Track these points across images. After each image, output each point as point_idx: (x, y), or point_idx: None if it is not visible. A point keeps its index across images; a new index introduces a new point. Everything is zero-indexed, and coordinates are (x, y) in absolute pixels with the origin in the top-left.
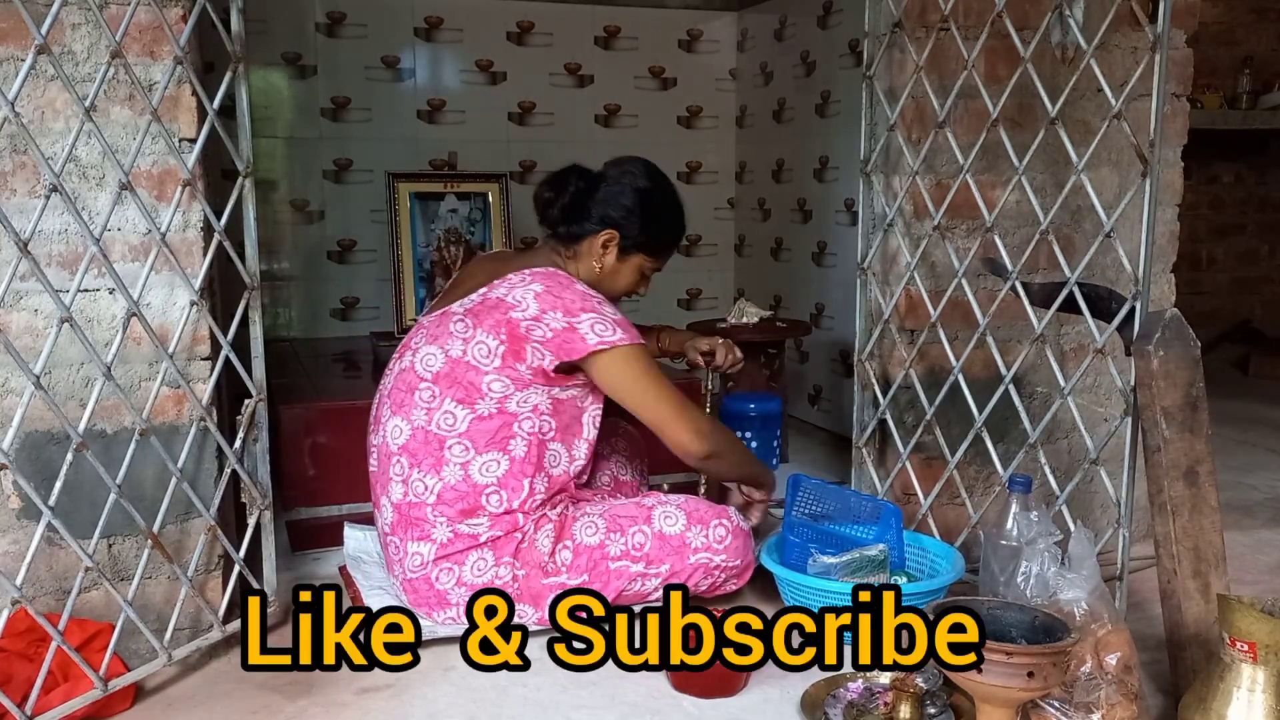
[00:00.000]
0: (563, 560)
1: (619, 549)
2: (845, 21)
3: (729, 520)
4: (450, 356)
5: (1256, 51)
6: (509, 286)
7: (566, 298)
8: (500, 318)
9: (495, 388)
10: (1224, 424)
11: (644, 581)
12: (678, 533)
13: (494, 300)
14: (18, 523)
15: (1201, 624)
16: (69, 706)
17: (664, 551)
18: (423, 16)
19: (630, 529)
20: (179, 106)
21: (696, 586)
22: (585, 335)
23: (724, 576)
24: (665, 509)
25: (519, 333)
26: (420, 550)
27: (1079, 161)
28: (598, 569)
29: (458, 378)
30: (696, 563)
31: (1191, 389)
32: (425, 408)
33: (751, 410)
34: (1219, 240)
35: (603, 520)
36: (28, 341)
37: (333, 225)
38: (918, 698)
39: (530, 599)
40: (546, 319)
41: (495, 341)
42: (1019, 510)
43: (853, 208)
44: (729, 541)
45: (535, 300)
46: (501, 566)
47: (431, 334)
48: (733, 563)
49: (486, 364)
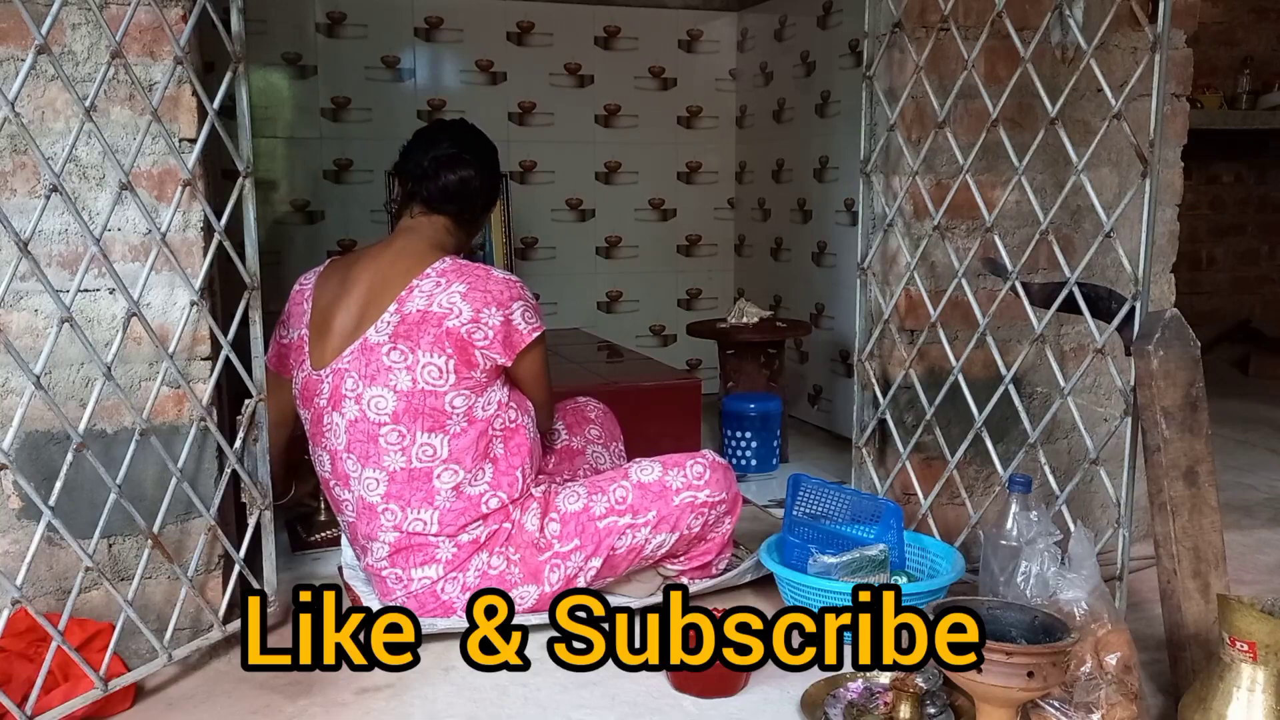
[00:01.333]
0: (552, 532)
1: (603, 507)
2: (845, 21)
3: (705, 457)
4: (400, 391)
5: (1256, 51)
6: (426, 296)
7: (493, 289)
8: (437, 332)
9: (458, 404)
10: (1224, 424)
11: (634, 533)
12: (656, 478)
13: (417, 315)
14: (18, 523)
15: (1201, 624)
16: (69, 706)
17: (646, 498)
18: (423, 16)
19: (610, 486)
20: (179, 106)
21: (689, 529)
22: (519, 327)
23: (713, 514)
24: (641, 463)
25: (463, 340)
26: (428, 574)
27: (1079, 161)
28: (586, 531)
29: (418, 408)
30: (682, 503)
31: (1191, 389)
32: (399, 449)
33: (751, 410)
34: (1219, 240)
35: (583, 488)
36: (28, 341)
37: (333, 225)
38: (918, 698)
39: (530, 578)
40: (484, 318)
41: (443, 359)
42: (1019, 510)
43: (853, 208)
44: (708, 475)
45: (464, 301)
46: (495, 557)
47: (365, 374)
48: (718, 496)
49: (442, 384)
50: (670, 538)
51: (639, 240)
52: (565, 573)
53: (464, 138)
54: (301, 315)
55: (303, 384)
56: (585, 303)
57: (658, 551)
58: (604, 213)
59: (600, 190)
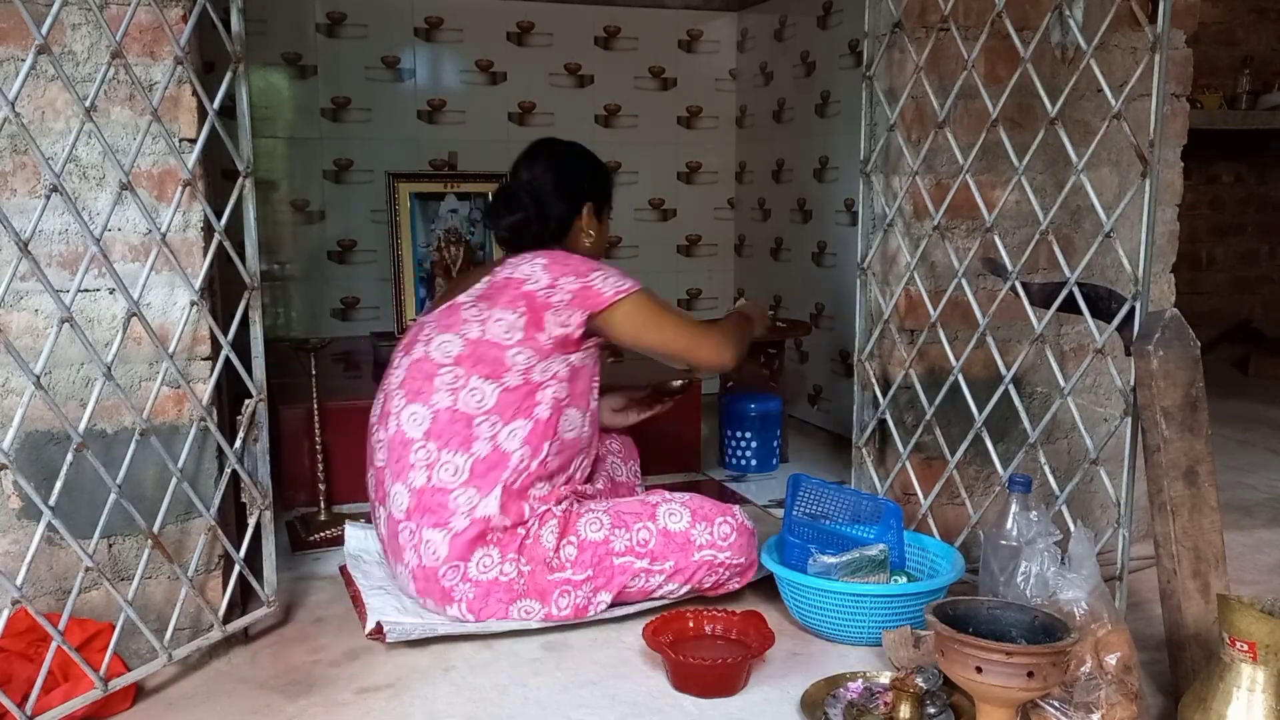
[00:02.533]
0: (567, 556)
1: (623, 545)
2: (845, 21)
3: (734, 518)
4: (468, 339)
5: (1256, 51)
6: (513, 267)
7: (573, 263)
8: (515, 293)
9: (519, 360)
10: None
11: (648, 578)
12: (682, 529)
13: (502, 281)
14: (18, 523)
15: (1201, 624)
16: (69, 706)
17: (668, 548)
18: (423, 16)
19: (635, 525)
20: (179, 106)
21: (700, 583)
22: (601, 289)
23: (728, 574)
24: (670, 506)
25: (537, 302)
26: (434, 538)
27: (1079, 161)
28: (602, 564)
29: (481, 355)
30: (700, 560)
31: (1191, 389)
32: (449, 389)
33: (751, 410)
34: (1219, 240)
35: (607, 517)
36: (28, 341)
37: (333, 225)
38: (918, 698)
39: (536, 594)
40: (561, 283)
41: (514, 315)
42: (1019, 510)
43: (853, 208)
44: (733, 539)
45: (545, 271)
46: (506, 563)
47: (443, 324)
48: (736, 560)
49: (508, 338)
50: (682, 589)
51: (639, 240)
52: (575, 602)
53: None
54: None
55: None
56: None
57: (665, 597)
58: None
59: None
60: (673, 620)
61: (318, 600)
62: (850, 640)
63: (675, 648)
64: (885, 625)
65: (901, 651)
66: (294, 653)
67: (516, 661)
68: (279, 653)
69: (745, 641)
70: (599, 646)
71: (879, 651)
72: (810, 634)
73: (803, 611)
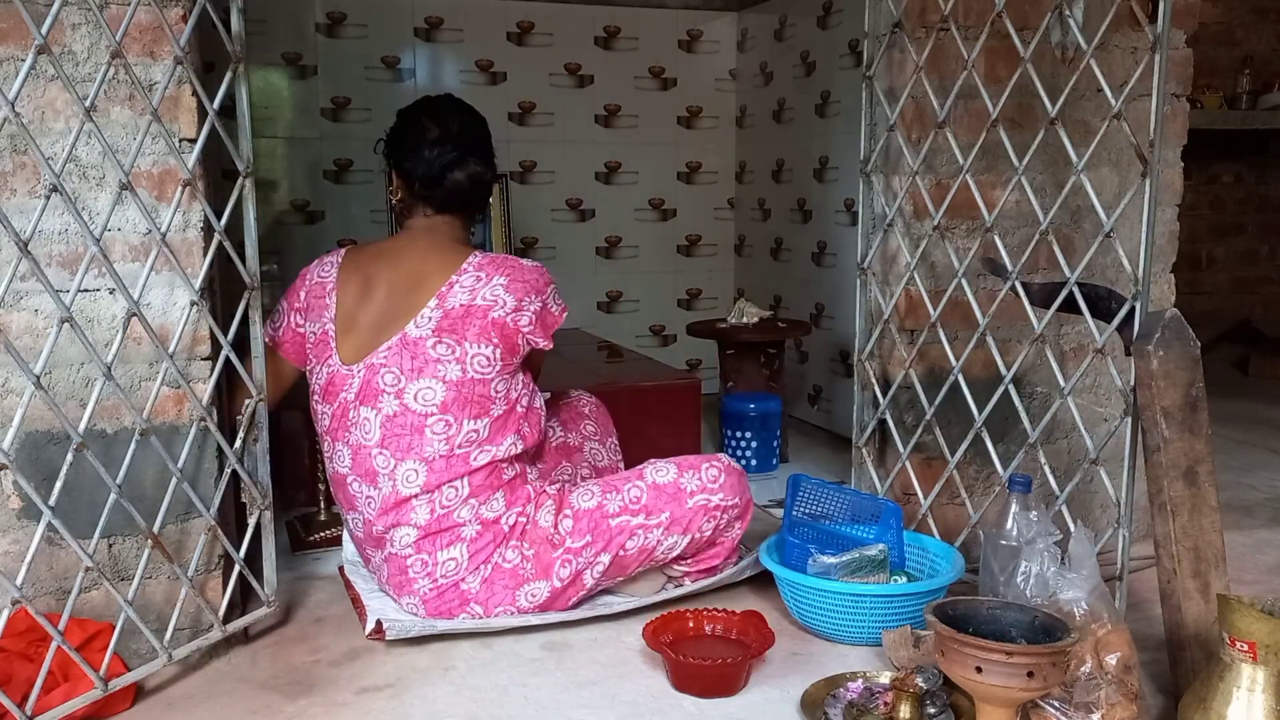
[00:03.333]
0: (565, 529)
1: (616, 505)
2: (845, 21)
3: (719, 461)
4: (450, 381)
5: (1256, 51)
6: (468, 291)
7: (529, 278)
8: (483, 324)
9: (500, 388)
10: (1224, 424)
11: (646, 534)
12: (671, 480)
13: (460, 310)
14: (18, 523)
15: (1201, 624)
16: (69, 706)
17: (660, 500)
18: (423, 16)
19: (625, 486)
20: (179, 106)
21: (700, 532)
22: (552, 309)
23: (725, 517)
24: (656, 464)
25: (509, 329)
26: (454, 555)
27: (1079, 161)
28: (599, 528)
29: (468, 397)
30: (695, 505)
31: (1191, 389)
32: (443, 438)
33: (751, 410)
34: (1219, 240)
35: (597, 486)
36: (28, 341)
37: (333, 225)
38: (918, 698)
39: (542, 572)
40: (525, 304)
41: (490, 348)
42: (1019, 510)
43: (853, 208)
44: (723, 480)
45: (507, 292)
46: (510, 550)
47: (408, 369)
48: (730, 500)
49: (489, 372)
50: (682, 540)
51: (639, 240)
52: (575, 566)
53: (461, 131)
54: (324, 309)
55: (327, 379)
56: (585, 303)
57: (668, 554)
58: (604, 213)
59: (600, 190)
60: (673, 620)
61: (318, 600)
62: (850, 640)
63: (675, 648)
64: (885, 625)
65: (901, 651)
66: (294, 653)
67: (516, 661)
68: (279, 653)
69: (745, 641)
70: (599, 646)
71: (879, 651)
72: (810, 634)
73: (803, 611)
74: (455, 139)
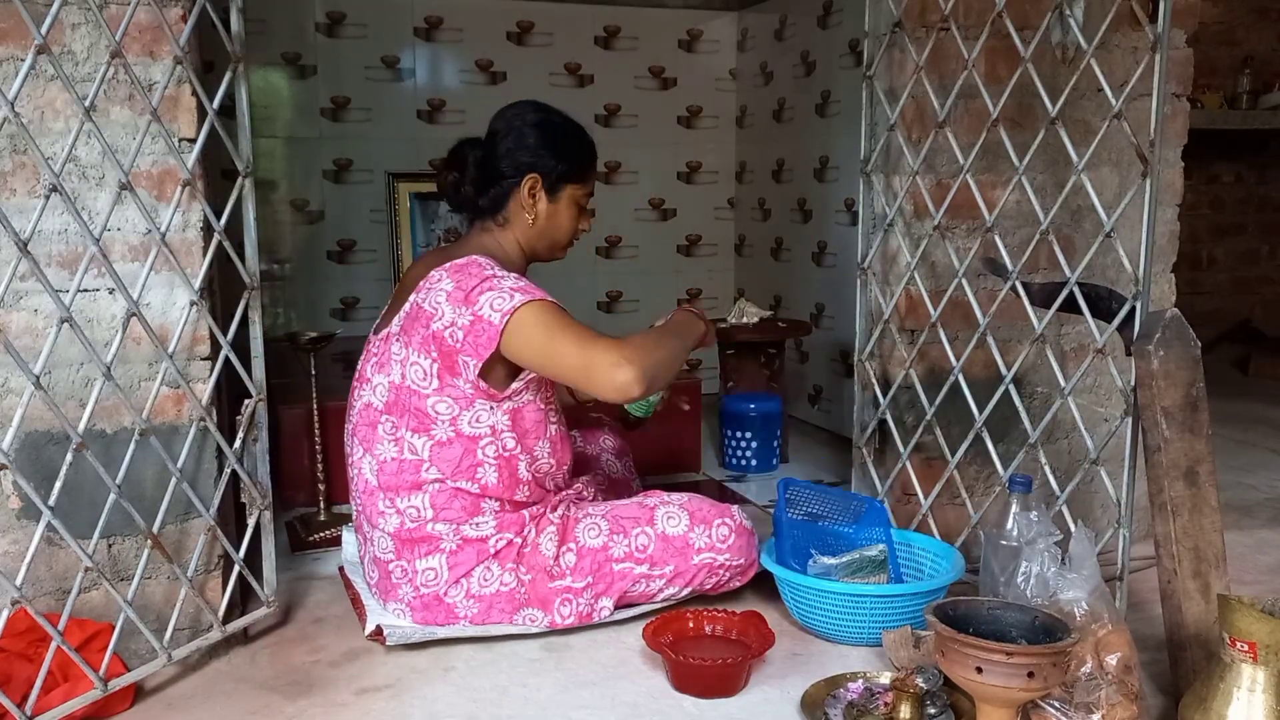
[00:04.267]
0: (567, 564)
1: (622, 551)
2: (845, 21)
3: (732, 519)
4: (392, 383)
5: (1256, 51)
6: (427, 291)
7: (468, 286)
8: (425, 333)
9: (441, 409)
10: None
11: (648, 583)
12: (681, 534)
13: (414, 311)
14: (18, 523)
15: (1201, 624)
16: (69, 706)
17: (668, 553)
18: (423, 16)
19: (634, 530)
20: (179, 106)
21: (701, 585)
22: (488, 317)
23: (728, 575)
24: (668, 509)
25: (446, 345)
26: (432, 565)
27: (1079, 161)
28: (602, 571)
29: (405, 405)
30: (700, 563)
31: (1191, 389)
32: (391, 439)
33: (751, 410)
34: (1219, 240)
35: (605, 522)
36: (28, 341)
37: (333, 225)
38: (918, 698)
39: (538, 603)
40: (457, 319)
41: (428, 360)
42: (1019, 510)
43: (853, 208)
44: (732, 541)
45: (447, 302)
46: (506, 573)
47: (378, 360)
48: (736, 561)
49: (425, 386)
50: (683, 591)
51: (639, 240)
52: (578, 609)
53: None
54: None
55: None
56: (585, 303)
57: (667, 600)
58: (604, 213)
59: (600, 190)
60: (673, 620)
61: (317, 600)
62: (850, 640)
63: (675, 648)
64: (885, 625)
65: (902, 652)
66: (294, 653)
67: (516, 662)
68: (279, 653)
69: (745, 642)
70: (599, 647)
71: (879, 651)
72: (810, 634)
73: (803, 611)
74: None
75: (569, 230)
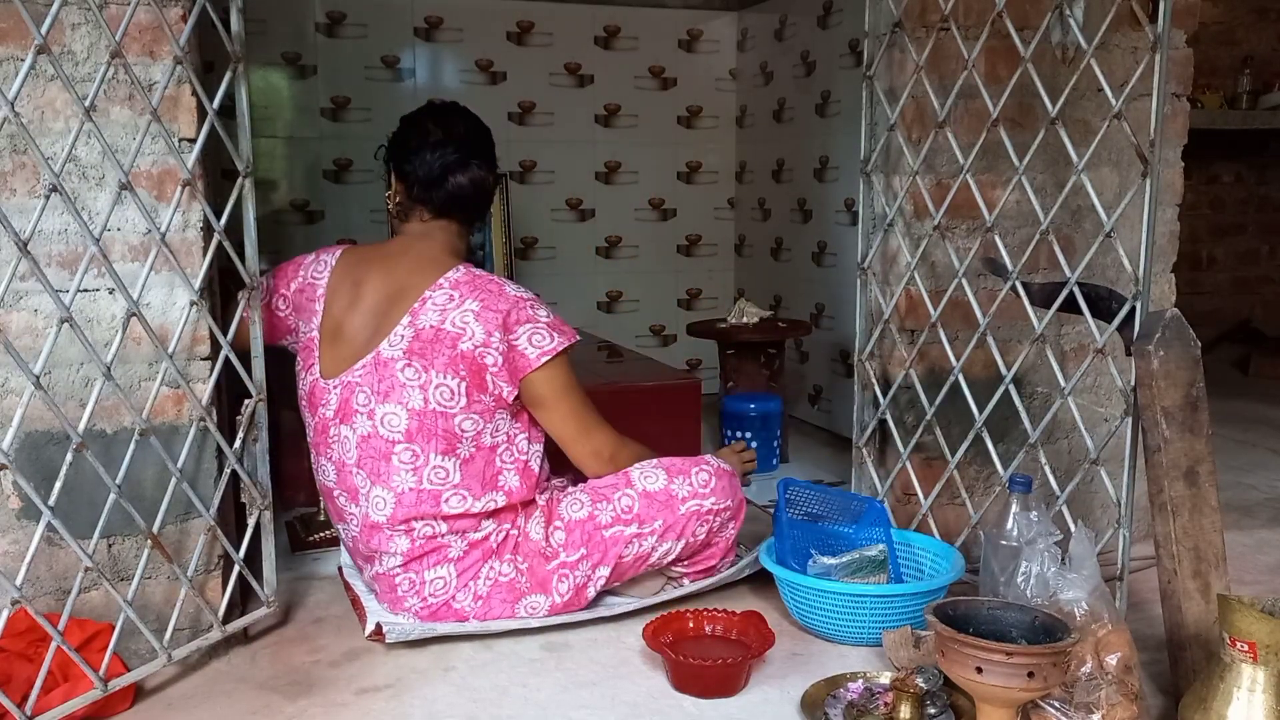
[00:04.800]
0: (558, 541)
1: (609, 516)
2: (845, 21)
3: (709, 464)
4: (412, 410)
5: (1256, 51)
6: (439, 310)
7: (501, 309)
8: (451, 354)
9: (466, 426)
10: (1224, 424)
11: (641, 542)
12: (661, 487)
13: (430, 332)
14: (18, 523)
15: (1201, 624)
16: (69, 706)
17: (653, 508)
18: (423, 16)
19: (615, 495)
20: (179, 106)
21: (694, 536)
22: (525, 351)
23: (719, 520)
24: (643, 469)
25: (476, 364)
26: (442, 574)
27: (1079, 161)
28: (593, 540)
29: (431, 429)
30: (688, 511)
31: (1191, 389)
32: (410, 469)
33: (751, 410)
34: (1219, 240)
35: (585, 494)
36: (28, 341)
37: (333, 225)
38: (918, 698)
39: (539, 587)
40: (493, 342)
41: (456, 381)
42: (1019, 510)
43: (853, 208)
44: (713, 483)
45: (477, 321)
46: (504, 564)
47: (379, 390)
48: (723, 503)
49: (453, 406)
50: (677, 545)
51: (639, 240)
52: (574, 582)
53: (465, 135)
54: (313, 314)
55: (309, 389)
56: (585, 303)
57: (664, 559)
58: (604, 213)
59: (600, 190)
60: (673, 620)
61: (317, 600)
62: (850, 640)
63: (675, 648)
64: (885, 625)
65: (902, 652)
66: (294, 653)
67: (516, 662)
68: (279, 653)
69: (745, 642)
70: (599, 647)
71: (879, 651)
72: (810, 634)
73: (803, 612)
74: (458, 141)
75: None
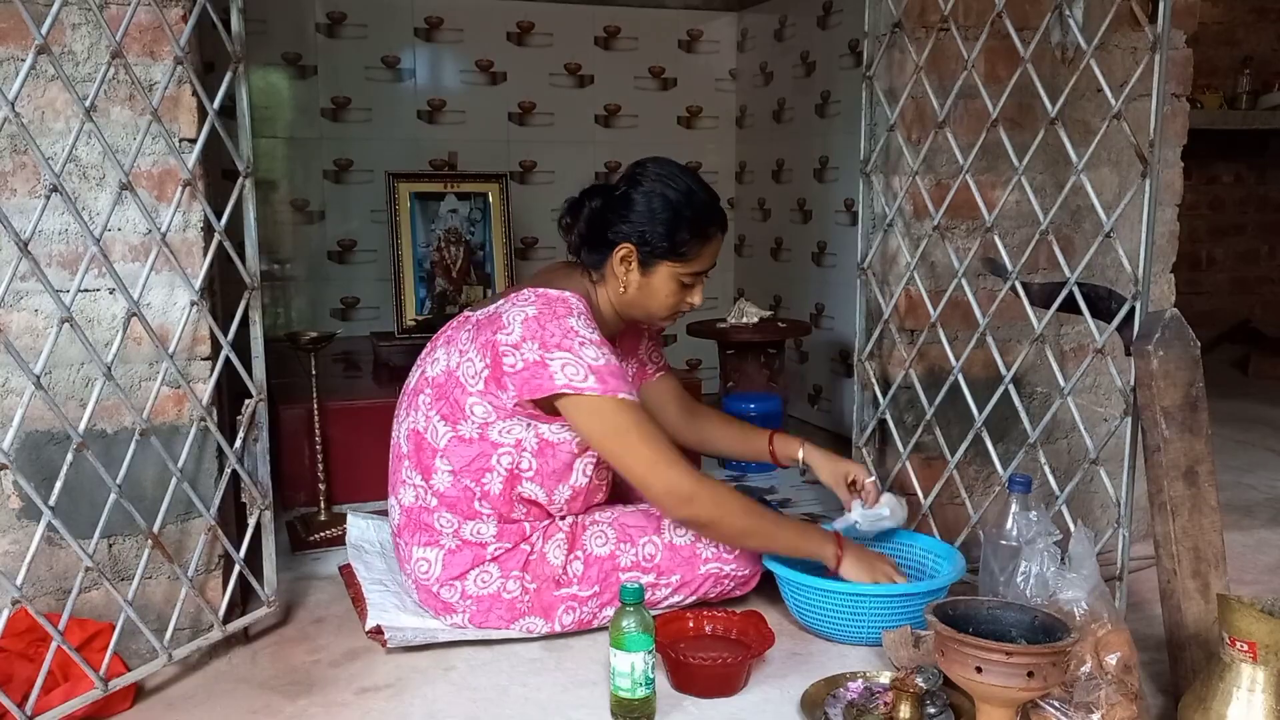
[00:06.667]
0: (575, 572)
1: (629, 560)
2: (845, 21)
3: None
4: (448, 367)
5: (1256, 51)
6: (512, 303)
7: (550, 329)
8: (489, 338)
9: (477, 411)
10: (1224, 424)
11: (654, 591)
12: (688, 544)
13: (494, 315)
14: (18, 523)
15: (1201, 624)
16: (69, 706)
17: (674, 562)
18: (423, 16)
19: (640, 539)
20: (179, 106)
21: (705, 594)
22: (554, 374)
23: (732, 584)
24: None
25: (499, 358)
26: (427, 556)
27: (1079, 161)
28: (608, 580)
29: (446, 392)
30: (707, 572)
31: (1191, 389)
32: (424, 413)
33: (751, 410)
34: (1219, 240)
35: (612, 530)
36: (28, 341)
37: (333, 225)
38: (918, 698)
39: (541, 611)
40: (523, 349)
41: (481, 364)
42: (1019, 510)
43: (853, 208)
44: (739, 550)
45: (521, 325)
46: (510, 580)
47: (449, 336)
48: (742, 571)
49: (471, 384)
50: (686, 600)
51: None
52: (579, 616)
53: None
54: None
55: None
56: None
57: (670, 608)
58: None
59: None
60: (673, 620)
61: (318, 600)
62: (850, 640)
63: (675, 648)
64: (885, 625)
65: (901, 651)
66: (294, 653)
67: (516, 661)
68: (279, 653)
69: (745, 641)
70: (599, 646)
71: (879, 651)
72: (810, 634)
73: (803, 611)
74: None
75: (665, 305)
